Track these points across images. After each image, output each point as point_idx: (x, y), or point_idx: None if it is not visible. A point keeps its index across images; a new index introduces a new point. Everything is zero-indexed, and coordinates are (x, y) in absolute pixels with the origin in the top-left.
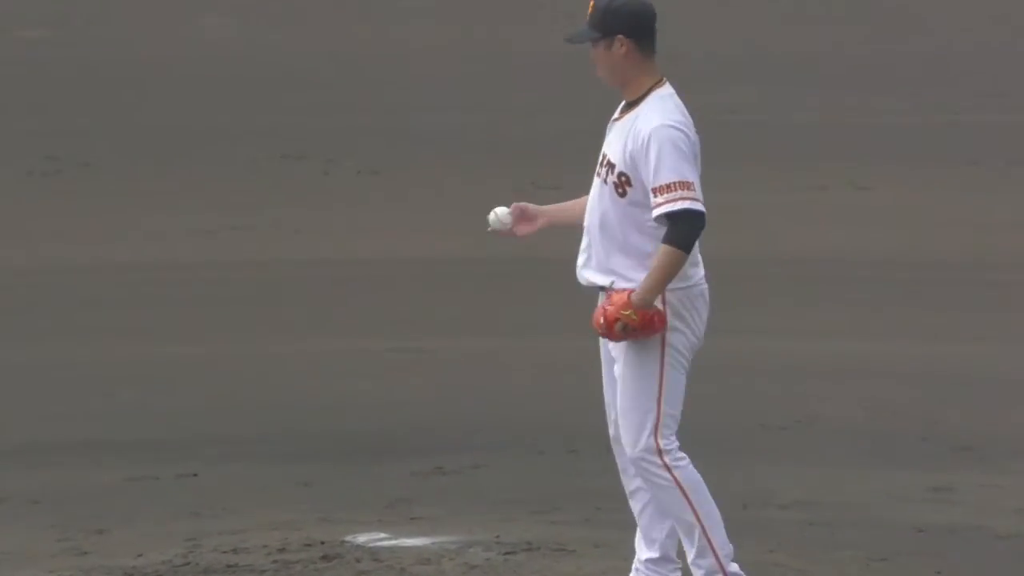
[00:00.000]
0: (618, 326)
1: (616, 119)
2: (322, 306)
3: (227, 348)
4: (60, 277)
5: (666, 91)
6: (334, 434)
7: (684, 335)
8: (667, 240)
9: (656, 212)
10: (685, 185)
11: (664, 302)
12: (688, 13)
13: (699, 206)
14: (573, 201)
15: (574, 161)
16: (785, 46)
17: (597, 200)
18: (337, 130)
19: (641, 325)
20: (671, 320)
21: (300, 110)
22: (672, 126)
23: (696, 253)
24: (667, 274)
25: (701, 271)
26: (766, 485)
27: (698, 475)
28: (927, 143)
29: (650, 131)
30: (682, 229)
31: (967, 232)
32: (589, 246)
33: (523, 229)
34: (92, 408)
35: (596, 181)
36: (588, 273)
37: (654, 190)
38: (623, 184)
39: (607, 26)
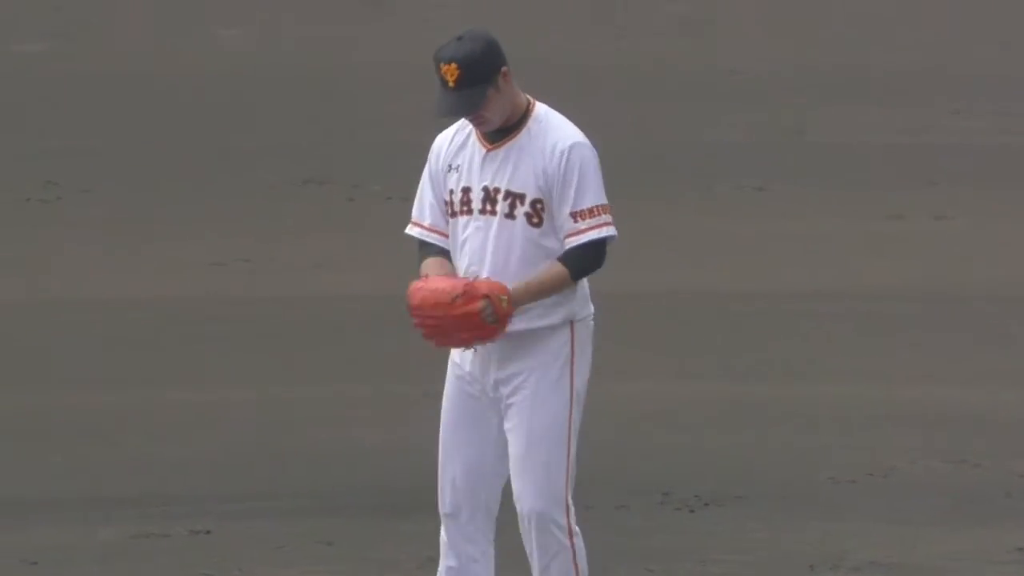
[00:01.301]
0: (483, 305)
1: (489, 148)
2: (346, 346)
3: (241, 393)
4: (59, 314)
5: (543, 106)
6: (359, 487)
7: (584, 376)
8: (567, 262)
9: (580, 239)
10: (606, 209)
11: (572, 333)
12: (746, 28)
13: (614, 231)
14: (434, 264)
15: None
16: (851, 60)
17: (498, 239)
18: (364, 151)
19: (501, 318)
20: (577, 357)
21: (324, 129)
22: (586, 144)
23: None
24: (547, 292)
25: None
26: (836, 545)
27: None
28: (1014, 165)
29: (568, 148)
30: (590, 257)
31: None
32: None
33: None
34: (93, 459)
35: (481, 221)
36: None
37: (575, 213)
38: (538, 213)
39: (486, 71)
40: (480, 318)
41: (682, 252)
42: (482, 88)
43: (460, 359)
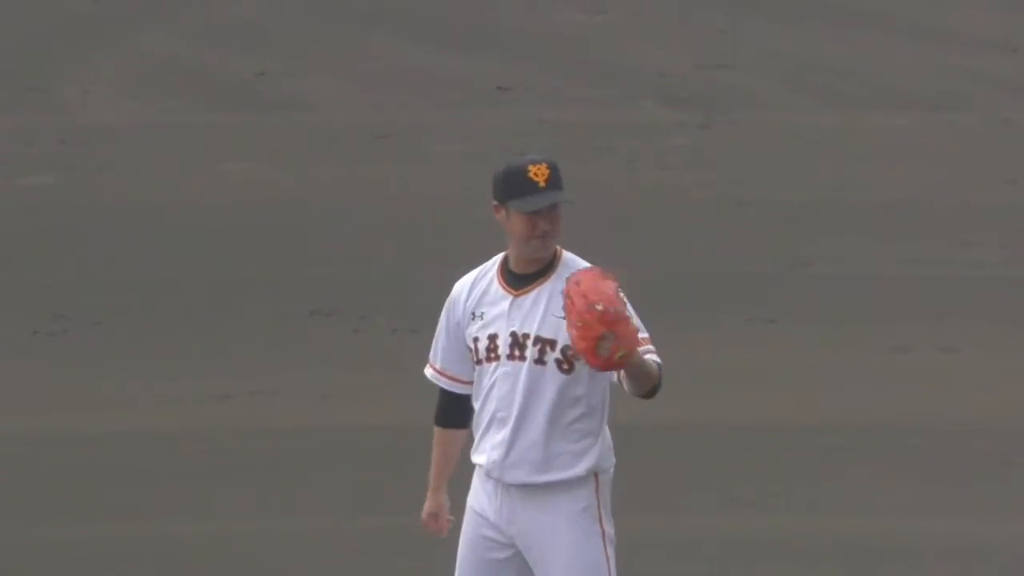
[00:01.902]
0: (606, 335)
1: (516, 294)
2: (355, 480)
3: (246, 526)
4: (65, 447)
5: (569, 253)
6: None
7: (611, 523)
8: (660, 371)
9: (649, 357)
10: (649, 340)
11: (597, 485)
12: (754, 157)
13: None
14: (442, 453)
15: None
16: (860, 192)
17: (527, 385)
18: (370, 283)
19: (607, 363)
20: (602, 508)
21: (330, 261)
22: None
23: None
24: (647, 373)
25: None
26: None
27: None
28: (1020, 299)
29: None
30: (660, 377)
31: None
32: (514, 438)
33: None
34: None
35: (509, 366)
36: (522, 473)
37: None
38: (568, 359)
39: (563, 182)
40: (594, 342)
41: (689, 383)
42: (567, 200)
43: (480, 507)
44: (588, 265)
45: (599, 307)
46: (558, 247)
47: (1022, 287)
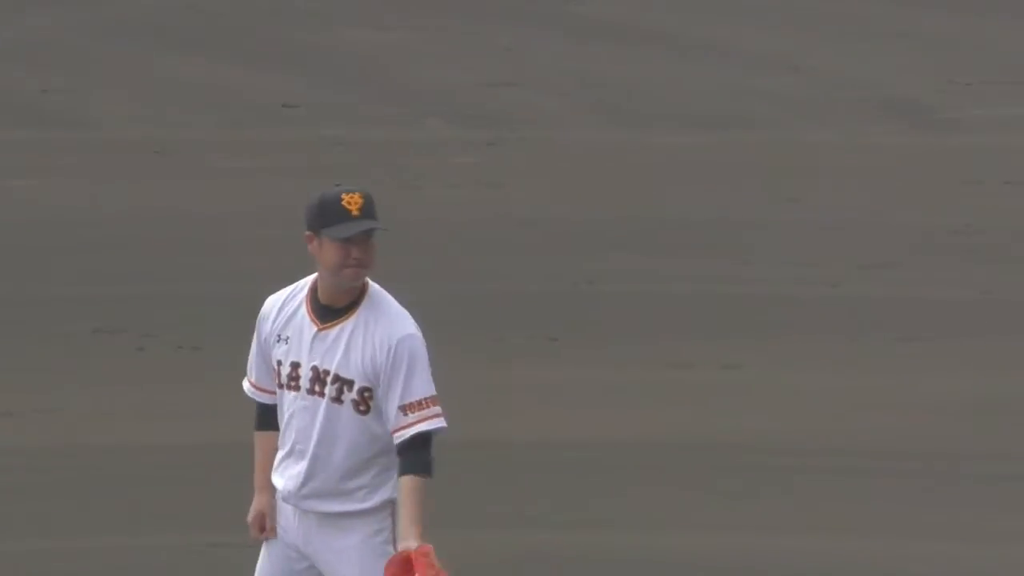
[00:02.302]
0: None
1: (320, 328)
2: (138, 499)
3: (27, 545)
4: None
5: (377, 287)
6: None
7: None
8: (414, 468)
9: (408, 432)
10: (435, 401)
11: (392, 513)
12: (540, 175)
13: (444, 423)
14: (263, 455)
15: None
16: (646, 210)
17: (325, 422)
18: (155, 301)
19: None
20: (397, 534)
21: (115, 278)
22: (416, 336)
23: None
24: (423, 506)
25: None
26: None
27: None
28: (802, 316)
29: (397, 342)
30: (427, 452)
31: (843, 413)
32: (311, 473)
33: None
34: None
35: (308, 401)
36: (319, 503)
37: (404, 407)
38: (365, 401)
39: (376, 213)
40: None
41: (473, 402)
42: (381, 227)
43: (285, 524)
44: (393, 302)
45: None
46: (367, 279)
47: (805, 305)
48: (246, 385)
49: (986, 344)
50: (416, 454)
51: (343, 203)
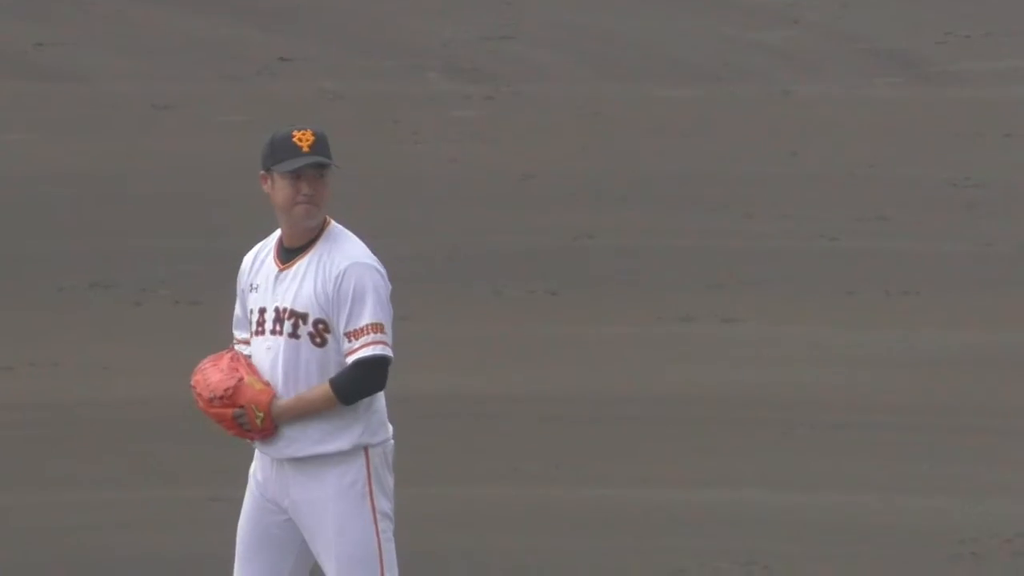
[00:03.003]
0: (237, 413)
1: (281, 268)
2: (136, 452)
3: (24, 499)
4: None
5: (338, 226)
6: None
7: (387, 499)
8: (337, 384)
9: (352, 357)
10: (378, 328)
11: (367, 460)
12: (539, 129)
13: (390, 352)
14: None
15: None
16: (645, 164)
17: (285, 360)
18: (152, 255)
19: (256, 430)
20: (374, 484)
21: (111, 233)
22: (373, 266)
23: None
24: (313, 411)
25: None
26: None
27: None
28: (800, 270)
29: (345, 268)
30: (361, 377)
31: (840, 368)
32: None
33: None
34: None
35: (271, 341)
36: (289, 447)
37: (349, 333)
38: (321, 332)
39: (329, 152)
40: (236, 422)
41: (472, 357)
42: (329, 162)
43: (261, 478)
44: (353, 237)
45: (211, 396)
46: (328, 218)
47: (803, 258)
48: (236, 345)
49: (984, 297)
50: (349, 375)
51: (294, 139)
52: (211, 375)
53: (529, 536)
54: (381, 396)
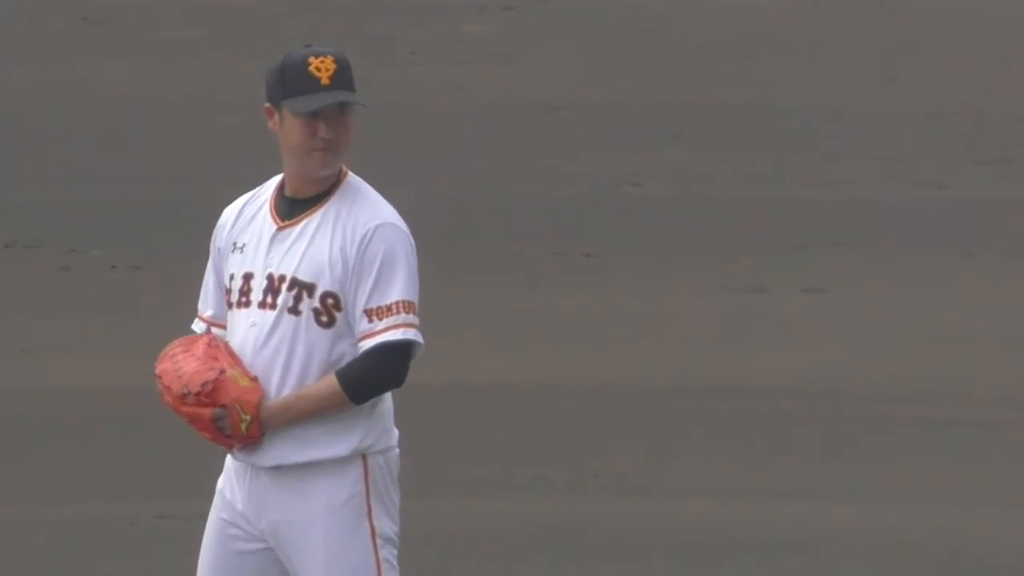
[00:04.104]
0: (217, 414)
1: (282, 225)
2: (61, 458)
3: None
4: None
5: (358, 179)
6: None
7: (391, 519)
8: (347, 377)
9: (372, 342)
10: (410, 307)
11: (365, 469)
12: (568, 48)
13: (421, 338)
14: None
15: None
16: (701, 94)
17: (276, 342)
18: (83, 208)
19: (240, 439)
20: (373, 498)
21: (32, 181)
22: (400, 228)
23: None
24: (315, 414)
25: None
26: None
27: None
28: (899, 227)
29: (374, 228)
30: (381, 367)
31: (954, 350)
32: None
33: None
34: None
35: (257, 316)
36: (271, 453)
37: (370, 311)
38: (329, 310)
39: (354, 83)
40: (214, 425)
41: (485, 336)
42: (356, 99)
43: (231, 495)
44: (376, 193)
45: (187, 391)
46: (344, 168)
47: (903, 211)
48: (197, 326)
49: None
50: (363, 366)
51: (310, 68)
52: (184, 364)
53: (554, 561)
54: (389, 395)
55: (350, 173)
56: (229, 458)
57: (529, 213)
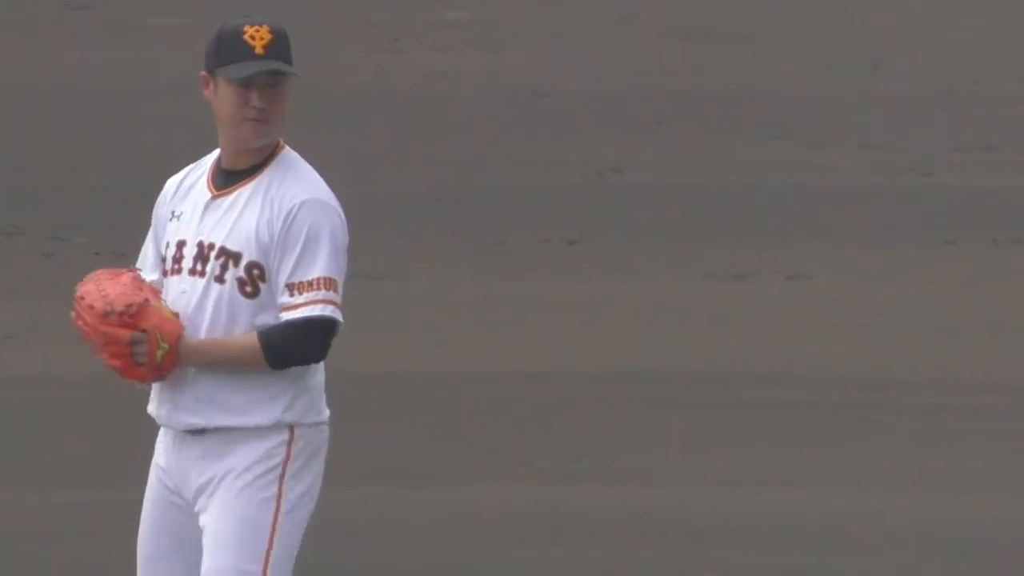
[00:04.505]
0: (133, 337)
1: (215, 194)
2: (43, 445)
3: None
4: None
5: (294, 153)
6: None
7: (307, 490)
8: (268, 339)
9: (292, 315)
10: (331, 284)
11: (291, 440)
12: (553, 35)
13: (340, 315)
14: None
15: None
16: (687, 80)
17: (200, 307)
18: (67, 195)
19: (152, 366)
20: (291, 466)
21: (15, 166)
22: (335, 208)
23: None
24: (231, 362)
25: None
26: None
27: None
28: (885, 213)
29: (301, 202)
30: (300, 340)
31: (938, 338)
32: (183, 377)
33: None
34: None
35: (187, 284)
36: (193, 415)
37: (291, 285)
38: (255, 280)
39: (290, 56)
40: (127, 349)
41: (469, 323)
42: (288, 69)
43: (165, 463)
44: (310, 168)
45: (111, 310)
46: (282, 142)
47: (887, 198)
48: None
49: None
50: (283, 333)
51: (245, 37)
52: (109, 287)
53: (541, 548)
54: (320, 371)
55: (287, 147)
56: (162, 431)
57: (513, 200)
